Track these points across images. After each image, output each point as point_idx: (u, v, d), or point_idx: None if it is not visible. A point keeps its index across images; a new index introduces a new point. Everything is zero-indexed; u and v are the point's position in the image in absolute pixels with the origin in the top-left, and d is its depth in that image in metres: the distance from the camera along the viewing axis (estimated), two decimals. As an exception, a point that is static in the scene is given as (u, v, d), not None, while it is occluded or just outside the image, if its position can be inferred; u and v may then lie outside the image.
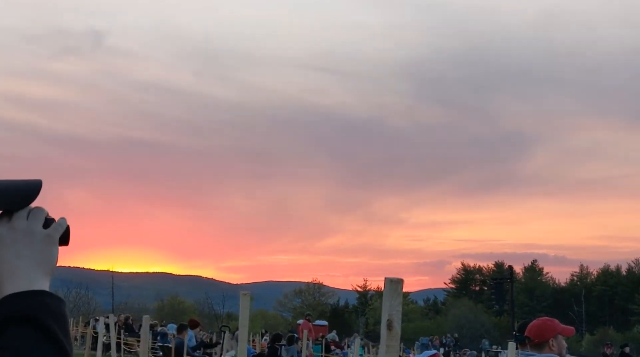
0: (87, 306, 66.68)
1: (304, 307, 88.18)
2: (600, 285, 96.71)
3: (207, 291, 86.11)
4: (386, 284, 2.29)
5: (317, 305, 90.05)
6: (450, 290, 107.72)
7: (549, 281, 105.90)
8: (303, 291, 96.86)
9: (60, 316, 1.31)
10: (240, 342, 4.61)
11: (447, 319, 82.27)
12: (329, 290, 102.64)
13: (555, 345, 4.94)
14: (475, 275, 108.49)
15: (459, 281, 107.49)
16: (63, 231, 1.46)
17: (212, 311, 79.45)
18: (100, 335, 12.68)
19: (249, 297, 4.53)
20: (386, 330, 2.27)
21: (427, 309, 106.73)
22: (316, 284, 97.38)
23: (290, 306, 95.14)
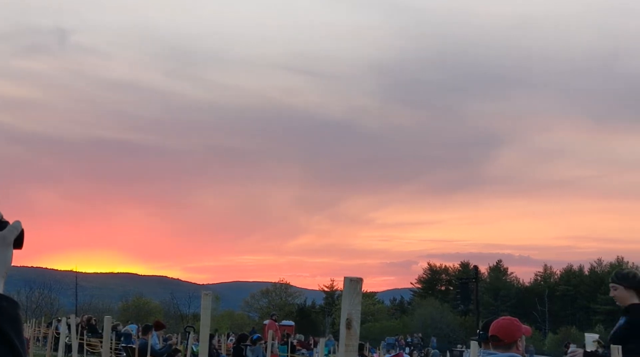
0: (50, 306, 66.12)
1: (271, 307, 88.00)
2: (563, 285, 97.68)
3: (172, 291, 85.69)
4: (345, 283, 2.26)
5: (284, 305, 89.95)
6: (417, 290, 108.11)
7: (513, 280, 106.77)
8: (270, 291, 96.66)
9: (15, 320, 1.31)
10: (202, 342, 4.56)
11: (413, 319, 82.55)
12: (296, 290, 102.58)
13: (520, 345, 4.98)
14: (442, 275, 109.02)
15: (426, 280, 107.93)
16: (17, 234, 1.43)
17: (177, 312, 79.09)
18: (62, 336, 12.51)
19: (210, 298, 4.48)
20: (345, 329, 2.23)
21: (394, 308, 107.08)
22: (283, 284, 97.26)
23: (257, 306, 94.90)
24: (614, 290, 6.18)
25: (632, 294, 6.09)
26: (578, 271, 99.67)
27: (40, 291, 67.69)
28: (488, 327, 5.28)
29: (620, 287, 6.12)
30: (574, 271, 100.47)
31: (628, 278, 6.15)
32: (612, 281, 6.26)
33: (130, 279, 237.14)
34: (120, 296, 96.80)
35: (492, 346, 4.99)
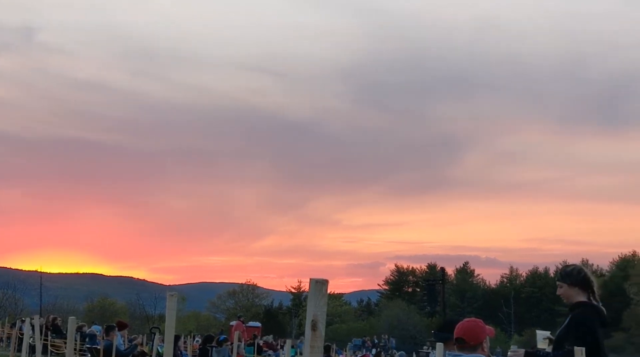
0: (14, 306, 65.35)
1: (237, 308, 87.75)
2: (529, 287, 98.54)
3: (138, 292, 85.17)
4: (311, 285, 2.25)
5: (251, 306, 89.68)
6: (384, 291, 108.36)
7: (480, 282, 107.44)
8: (237, 292, 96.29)
9: None
10: (166, 343, 4.52)
11: (380, 320, 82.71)
12: (263, 291, 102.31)
13: (486, 346, 4.99)
14: (409, 276, 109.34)
15: (393, 282, 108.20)
16: None
17: (143, 313, 78.61)
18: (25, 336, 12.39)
19: (175, 299, 4.45)
20: (310, 331, 2.22)
21: (361, 310, 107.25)
22: (250, 285, 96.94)
23: (224, 308, 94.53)
24: (560, 288, 6.13)
25: (577, 291, 6.04)
26: (543, 272, 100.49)
27: (3, 291, 66.86)
28: (444, 328, 5.32)
29: (565, 285, 6.08)
30: (539, 272, 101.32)
31: (572, 275, 6.09)
32: (557, 279, 6.22)
33: (95, 279, 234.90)
34: (86, 296, 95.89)
35: (458, 348, 5.00)
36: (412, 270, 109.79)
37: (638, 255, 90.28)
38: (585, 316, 5.89)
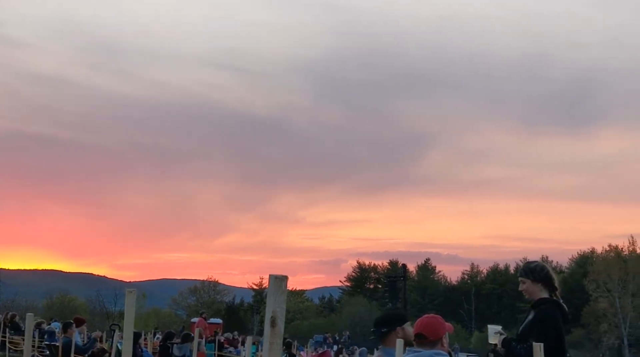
0: (-28, 304, 64.50)
1: (199, 305, 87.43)
2: (489, 283, 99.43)
3: (99, 289, 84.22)
4: (271, 281, 2.24)
5: (212, 303, 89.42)
6: (346, 288, 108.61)
7: (441, 279, 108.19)
8: (198, 289, 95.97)
9: None
10: (125, 340, 4.48)
11: (342, 317, 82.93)
12: (225, 288, 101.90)
13: (445, 342, 5.00)
14: (370, 273, 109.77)
15: (355, 279, 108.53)
16: None
17: (103, 309, 77.96)
18: (-17, 334, 12.22)
19: (134, 295, 4.42)
20: (270, 327, 2.22)
21: (322, 307, 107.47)
22: (212, 282, 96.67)
23: (185, 304, 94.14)
24: (523, 284, 6.21)
25: (540, 287, 6.13)
26: (504, 269, 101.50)
27: (-39, 288, 66.04)
28: (380, 323, 5.32)
29: (528, 281, 6.15)
30: (500, 269, 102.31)
31: (535, 271, 6.18)
32: (520, 275, 6.29)
33: (55, 276, 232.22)
34: (45, 293, 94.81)
35: (417, 344, 5.00)
36: (374, 267, 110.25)
37: (597, 252, 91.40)
38: (549, 312, 5.96)
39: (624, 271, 77.97)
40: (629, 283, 77.25)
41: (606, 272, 78.38)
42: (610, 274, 77.90)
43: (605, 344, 76.08)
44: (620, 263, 79.59)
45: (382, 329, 5.24)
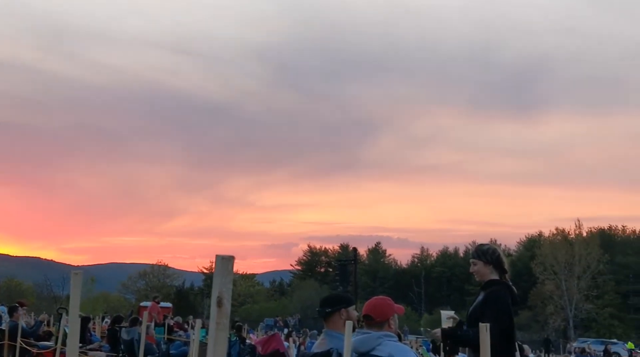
0: None
1: (148, 289, 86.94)
2: (439, 267, 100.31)
3: (46, 273, 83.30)
4: (217, 262, 2.20)
5: (162, 287, 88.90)
6: (297, 272, 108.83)
7: (391, 262, 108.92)
8: (148, 273, 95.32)
9: None
10: (71, 323, 4.38)
11: (292, 301, 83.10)
12: (175, 272, 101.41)
13: (393, 324, 5.01)
14: (321, 257, 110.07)
15: (305, 262, 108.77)
16: None
17: (51, 293, 77.12)
18: None
19: (80, 277, 4.30)
20: (216, 307, 2.18)
21: (273, 290, 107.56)
22: (161, 266, 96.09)
23: (134, 289, 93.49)
24: (474, 265, 6.26)
25: (492, 269, 6.19)
26: (454, 253, 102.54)
27: None
28: (326, 303, 5.32)
29: (480, 263, 6.21)
30: (449, 253, 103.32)
31: (487, 253, 6.24)
32: (472, 257, 6.35)
33: (1, 260, 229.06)
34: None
35: (366, 325, 5.01)
36: (325, 250, 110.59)
37: (544, 235, 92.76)
38: (499, 293, 6.02)
39: (570, 254, 79.35)
40: (574, 266, 78.65)
41: (553, 255, 79.69)
42: (557, 257, 79.24)
43: (551, 325, 77.43)
44: (566, 246, 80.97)
45: (327, 309, 5.23)
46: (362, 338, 4.88)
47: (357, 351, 4.82)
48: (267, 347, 9.66)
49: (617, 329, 78.08)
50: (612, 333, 74.02)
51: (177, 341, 19.86)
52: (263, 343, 10.25)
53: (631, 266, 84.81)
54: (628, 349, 51.43)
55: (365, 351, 4.83)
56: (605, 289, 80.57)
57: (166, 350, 18.30)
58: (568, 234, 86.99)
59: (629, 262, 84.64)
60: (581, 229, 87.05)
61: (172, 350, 18.53)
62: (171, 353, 18.14)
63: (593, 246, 79.85)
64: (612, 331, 75.99)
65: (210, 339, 2.17)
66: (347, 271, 52.09)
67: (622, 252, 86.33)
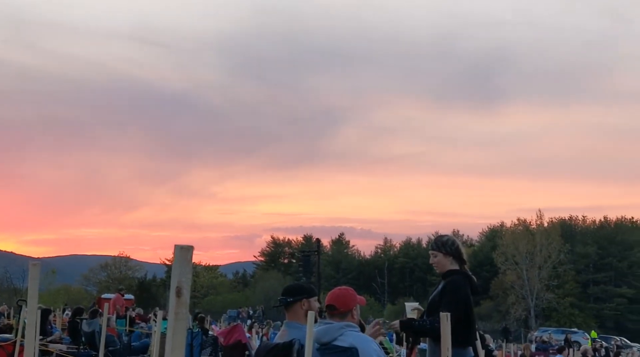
0: None
1: (110, 281, 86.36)
2: (402, 257, 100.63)
3: (6, 265, 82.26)
4: (176, 252, 2.16)
5: (124, 279, 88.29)
6: (260, 263, 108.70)
7: (354, 253, 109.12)
8: (109, 265, 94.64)
9: None
10: (29, 314, 4.34)
11: (256, 292, 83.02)
12: (137, 264, 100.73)
13: (355, 314, 5.02)
14: (285, 248, 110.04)
15: (269, 254, 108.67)
16: None
17: (11, 286, 76.25)
18: None
19: (38, 268, 4.26)
20: (175, 297, 2.14)
21: (236, 282, 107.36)
22: (123, 257, 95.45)
23: (96, 280, 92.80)
24: (434, 257, 6.30)
25: (451, 260, 6.24)
26: (416, 243, 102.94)
27: None
28: (288, 292, 5.32)
29: (440, 254, 6.25)
30: (412, 244, 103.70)
31: (447, 245, 6.28)
32: (432, 248, 6.39)
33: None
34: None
35: (328, 315, 5.01)
36: (288, 242, 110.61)
37: (506, 226, 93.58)
38: (458, 283, 6.08)
39: (532, 244, 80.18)
40: (536, 256, 79.49)
41: (514, 246, 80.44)
42: (518, 247, 79.99)
43: (513, 315, 78.26)
44: (528, 236, 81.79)
45: (289, 299, 5.22)
46: (324, 328, 4.88)
47: (319, 341, 4.82)
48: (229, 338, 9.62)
49: (577, 318, 79.18)
50: (572, 322, 75.07)
51: (139, 333, 19.78)
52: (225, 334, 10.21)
53: (591, 255, 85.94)
54: (591, 337, 52.20)
55: (327, 341, 4.83)
56: (565, 278, 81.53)
57: (128, 342, 18.19)
58: (529, 224, 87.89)
59: (589, 252, 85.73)
60: (542, 219, 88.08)
61: (133, 342, 18.44)
62: (133, 345, 18.05)
63: (554, 236, 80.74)
64: (573, 320, 77.03)
65: (169, 329, 2.14)
66: (310, 262, 52.16)
67: (582, 242, 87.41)
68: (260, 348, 5.26)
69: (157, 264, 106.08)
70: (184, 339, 2.23)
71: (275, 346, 4.91)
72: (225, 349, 9.86)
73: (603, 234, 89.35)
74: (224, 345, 9.88)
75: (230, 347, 9.58)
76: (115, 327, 18.69)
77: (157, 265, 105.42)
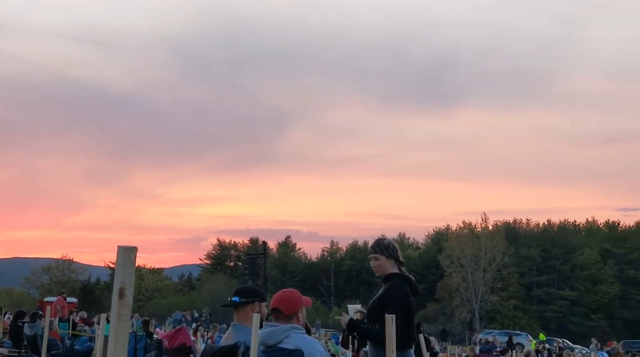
0: None
1: (52, 284, 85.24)
2: (349, 260, 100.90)
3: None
4: (119, 253, 2.14)
5: (67, 282, 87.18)
6: (206, 266, 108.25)
7: (301, 256, 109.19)
8: (52, 268, 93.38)
9: None
10: (-33, 318, 4.23)
11: (201, 295, 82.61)
12: (80, 266, 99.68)
13: (301, 316, 5.01)
14: (231, 251, 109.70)
15: (215, 256, 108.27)
16: None
17: (-49, 289, 74.98)
18: None
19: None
20: (117, 299, 2.12)
21: (182, 285, 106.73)
22: (66, 260, 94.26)
23: (38, 283, 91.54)
24: (376, 260, 6.32)
25: (393, 263, 6.31)
26: (363, 246, 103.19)
27: None
28: (240, 293, 5.30)
29: (382, 258, 6.29)
30: (359, 246, 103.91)
31: (389, 248, 6.34)
32: (374, 252, 6.40)
33: None
34: None
35: (274, 318, 4.99)
36: (234, 244, 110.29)
37: (451, 229, 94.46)
38: (400, 286, 6.16)
39: (477, 246, 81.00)
40: (480, 259, 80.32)
41: (460, 248, 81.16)
42: (463, 250, 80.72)
43: (457, 317, 78.95)
44: (473, 239, 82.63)
45: (242, 299, 5.21)
46: (270, 331, 4.86)
47: (264, 343, 4.79)
48: (173, 341, 9.57)
49: (521, 320, 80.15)
50: (516, 324, 75.98)
51: (83, 337, 19.53)
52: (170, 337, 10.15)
53: (534, 258, 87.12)
54: (539, 340, 52.96)
55: (272, 343, 4.81)
56: (509, 281, 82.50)
57: (70, 345, 17.96)
58: (474, 227, 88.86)
59: (533, 255, 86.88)
60: (487, 222, 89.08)
61: (77, 346, 18.21)
62: (76, 349, 17.82)
63: (498, 239, 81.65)
64: (516, 322, 77.98)
65: (111, 331, 2.12)
66: (256, 264, 52.13)
67: (526, 244, 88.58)
68: (206, 351, 5.22)
69: (101, 267, 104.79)
70: (127, 340, 2.20)
71: (221, 349, 4.87)
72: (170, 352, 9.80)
73: (546, 237, 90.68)
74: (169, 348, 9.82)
75: (174, 350, 9.53)
76: (57, 331, 18.44)
77: (101, 268, 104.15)
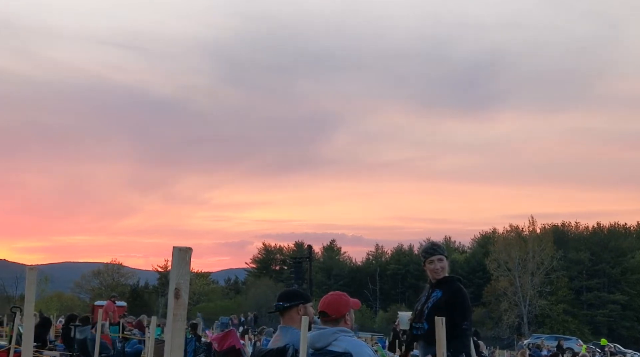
0: None
1: (102, 288, 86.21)
2: (393, 264, 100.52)
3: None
4: (174, 253, 2.20)
5: (116, 286, 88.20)
6: (251, 270, 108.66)
7: (346, 260, 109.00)
8: (101, 272, 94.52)
9: None
10: (26, 318, 4.37)
11: (247, 298, 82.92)
12: (129, 271, 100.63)
13: (349, 319, 5.01)
14: (276, 255, 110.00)
15: (260, 260, 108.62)
16: None
17: (4, 293, 76.06)
18: None
19: (35, 273, 4.29)
20: (174, 299, 2.19)
21: (228, 288, 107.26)
22: (115, 264, 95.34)
23: (88, 288, 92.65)
24: (441, 262, 6.25)
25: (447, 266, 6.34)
26: (408, 250, 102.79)
27: None
28: (284, 297, 5.31)
29: (445, 260, 6.28)
30: (404, 250, 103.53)
31: (446, 251, 6.39)
32: (440, 252, 6.33)
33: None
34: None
35: (322, 322, 5.00)
36: (280, 248, 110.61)
37: (498, 232, 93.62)
38: (463, 291, 6.14)
39: (524, 250, 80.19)
40: (528, 262, 79.52)
41: (507, 252, 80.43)
42: (510, 253, 79.99)
43: (505, 322, 78.24)
44: (520, 243, 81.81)
45: (285, 304, 5.21)
46: (318, 333, 4.88)
47: (313, 346, 4.82)
48: (223, 344, 9.63)
49: (571, 324, 79.19)
50: (565, 329, 75.12)
51: (133, 339, 19.76)
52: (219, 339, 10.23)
53: (584, 262, 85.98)
54: (602, 344, 52.28)
55: (321, 346, 4.83)
56: (558, 285, 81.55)
57: (121, 348, 18.18)
58: (522, 230, 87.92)
59: (582, 259, 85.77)
60: (535, 225, 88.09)
61: (127, 348, 18.43)
62: (126, 351, 18.04)
63: (546, 243, 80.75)
64: (566, 327, 77.08)
65: (167, 331, 2.18)
66: (302, 268, 52.21)
67: (575, 248, 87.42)
68: (254, 353, 5.27)
69: (149, 271, 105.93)
70: (183, 341, 2.26)
71: (270, 351, 4.91)
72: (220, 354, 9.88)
73: (596, 240, 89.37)
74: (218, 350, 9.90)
75: (224, 353, 9.60)
76: (109, 334, 18.68)
77: (149, 272, 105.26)
